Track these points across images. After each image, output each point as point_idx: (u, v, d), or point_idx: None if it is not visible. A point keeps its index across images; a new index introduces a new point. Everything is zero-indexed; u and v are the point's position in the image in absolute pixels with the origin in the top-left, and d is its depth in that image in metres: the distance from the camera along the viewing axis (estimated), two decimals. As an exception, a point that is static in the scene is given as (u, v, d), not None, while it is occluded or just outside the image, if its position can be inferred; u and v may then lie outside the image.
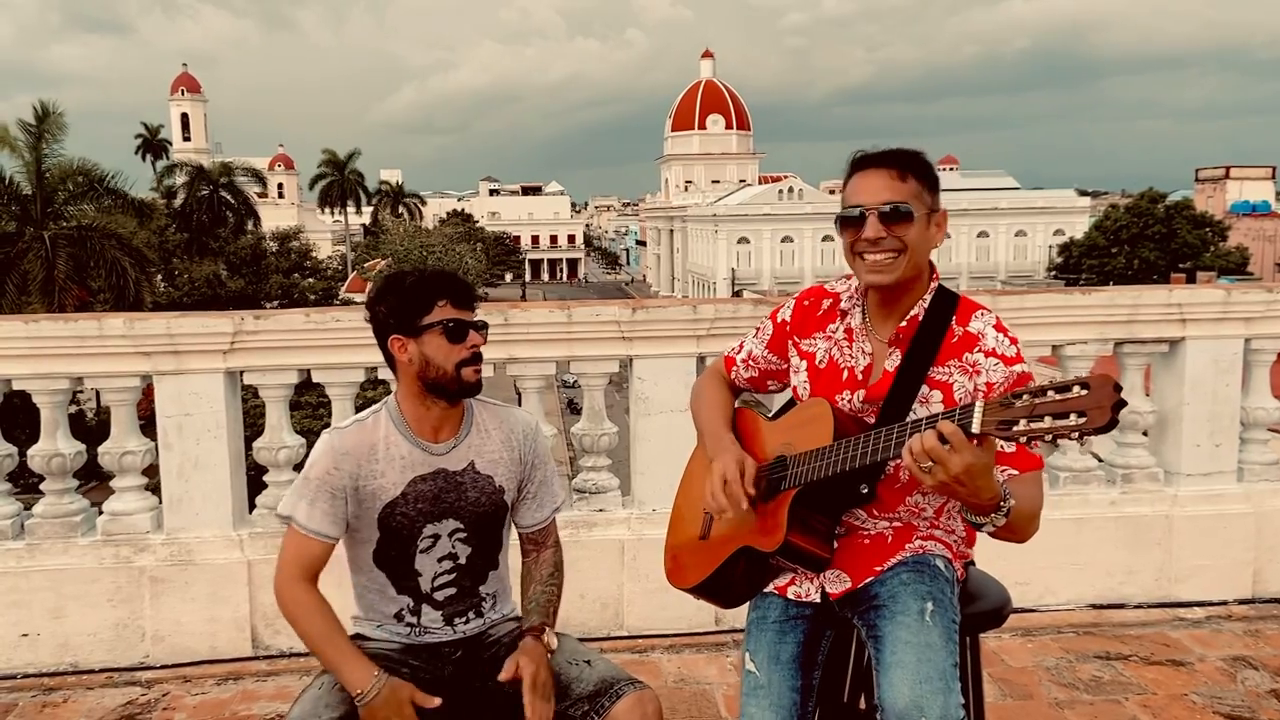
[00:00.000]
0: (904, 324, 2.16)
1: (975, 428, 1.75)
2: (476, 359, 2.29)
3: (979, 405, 1.76)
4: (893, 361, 2.17)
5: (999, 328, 2.15)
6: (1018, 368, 2.10)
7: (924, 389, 2.13)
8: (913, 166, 2.13)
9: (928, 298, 2.17)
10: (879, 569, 2.18)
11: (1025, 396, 1.70)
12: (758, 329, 2.45)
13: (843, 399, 2.21)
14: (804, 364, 2.31)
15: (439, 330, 2.25)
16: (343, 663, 2.18)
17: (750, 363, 2.45)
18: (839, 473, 2.03)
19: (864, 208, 2.10)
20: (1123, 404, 1.62)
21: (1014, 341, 2.14)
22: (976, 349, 2.12)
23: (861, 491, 2.11)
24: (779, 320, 2.40)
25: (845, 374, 2.23)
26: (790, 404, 2.44)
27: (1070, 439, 1.66)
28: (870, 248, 2.10)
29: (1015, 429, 1.70)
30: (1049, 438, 1.67)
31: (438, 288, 2.27)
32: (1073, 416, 1.63)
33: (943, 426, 1.78)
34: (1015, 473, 2.03)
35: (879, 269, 2.10)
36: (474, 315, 2.31)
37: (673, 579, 2.41)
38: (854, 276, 2.27)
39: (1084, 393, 1.64)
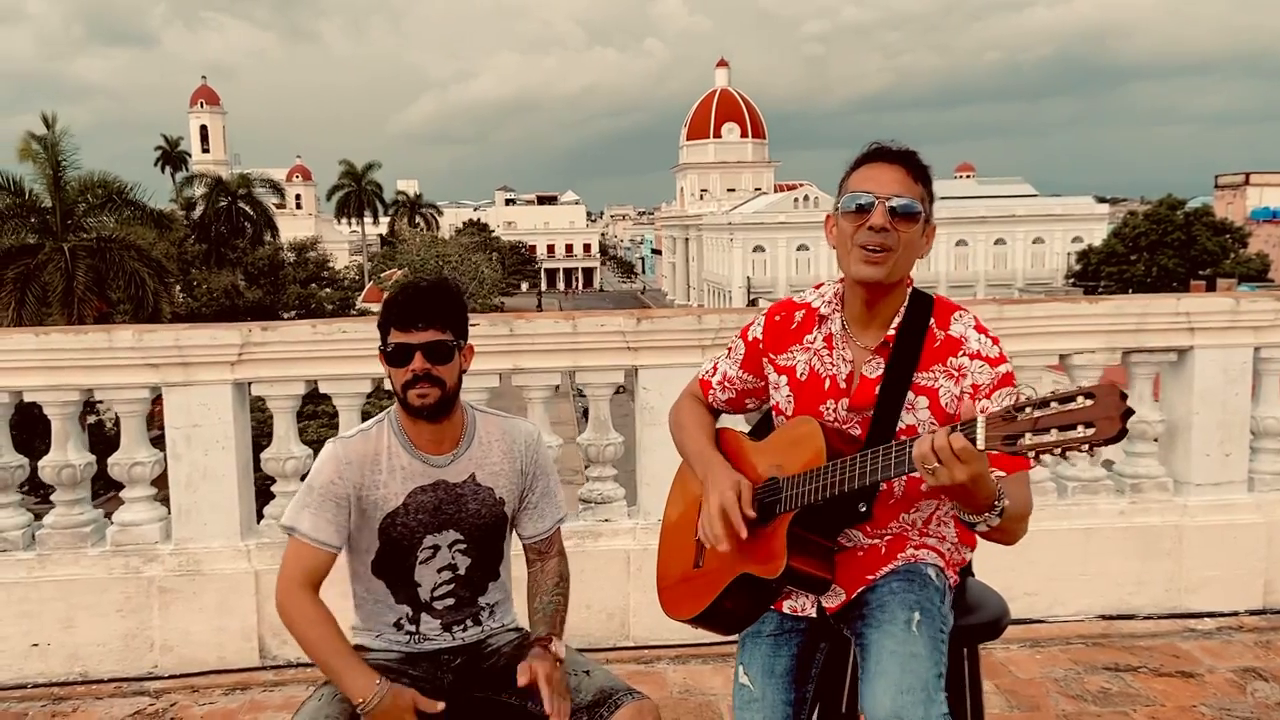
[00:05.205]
0: (890, 332, 2.16)
1: (980, 444, 1.73)
2: (419, 381, 2.23)
3: (981, 421, 1.74)
4: (873, 369, 2.17)
5: (979, 329, 2.17)
6: (1002, 368, 2.12)
7: (910, 395, 2.13)
8: (922, 174, 2.15)
9: (906, 303, 2.18)
10: (871, 578, 2.18)
11: (1028, 409, 1.66)
12: (729, 349, 2.41)
13: (827, 408, 2.20)
14: (784, 379, 2.29)
15: (382, 355, 2.29)
16: (344, 671, 2.19)
17: (726, 384, 2.41)
18: (838, 494, 2.01)
19: (875, 196, 2.07)
20: (1130, 412, 1.58)
21: (995, 341, 2.15)
22: (961, 353, 2.14)
23: (860, 510, 2.10)
24: (750, 338, 2.36)
25: (828, 383, 2.22)
26: (766, 419, 2.42)
27: (1080, 451, 1.62)
28: (871, 237, 2.07)
29: (1021, 443, 1.66)
30: (1058, 451, 1.63)
31: (388, 312, 2.28)
32: (1080, 428, 1.59)
33: (953, 440, 1.76)
34: (1002, 474, 2.00)
35: (874, 260, 2.08)
36: (429, 335, 2.23)
37: (669, 610, 2.37)
38: (823, 285, 2.28)
39: (1089, 403, 1.59)
